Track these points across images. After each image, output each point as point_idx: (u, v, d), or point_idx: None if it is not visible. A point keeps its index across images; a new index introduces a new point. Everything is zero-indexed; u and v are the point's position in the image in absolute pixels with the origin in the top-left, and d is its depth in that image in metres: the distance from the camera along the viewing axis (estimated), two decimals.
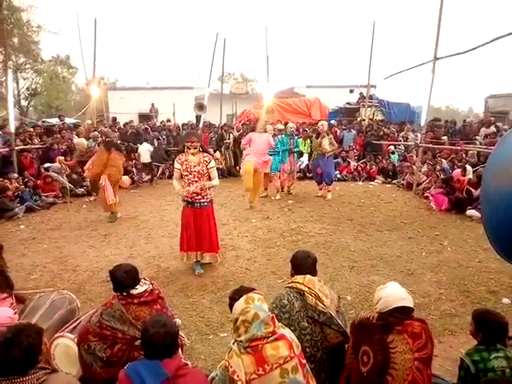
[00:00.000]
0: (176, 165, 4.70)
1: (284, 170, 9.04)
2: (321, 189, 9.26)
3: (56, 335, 2.82)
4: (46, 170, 9.65)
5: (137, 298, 2.59)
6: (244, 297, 2.10)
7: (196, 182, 4.57)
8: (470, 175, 8.48)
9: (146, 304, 2.61)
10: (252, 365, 1.95)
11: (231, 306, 2.17)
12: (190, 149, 4.57)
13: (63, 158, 9.61)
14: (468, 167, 8.82)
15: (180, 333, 2.78)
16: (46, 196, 8.69)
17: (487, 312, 2.47)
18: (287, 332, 2.11)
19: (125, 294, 2.59)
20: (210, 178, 4.68)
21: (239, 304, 2.09)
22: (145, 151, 11.43)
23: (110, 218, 7.30)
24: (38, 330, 2.08)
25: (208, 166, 4.61)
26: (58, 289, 3.71)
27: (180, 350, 2.65)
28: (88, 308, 3.59)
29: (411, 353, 2.06)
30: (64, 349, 2.76)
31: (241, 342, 2.01)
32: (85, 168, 8.48)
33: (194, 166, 4.57)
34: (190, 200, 4.65)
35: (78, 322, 2.98)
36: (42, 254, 5.67)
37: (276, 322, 2.09)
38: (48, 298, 3.29)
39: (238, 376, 1.94)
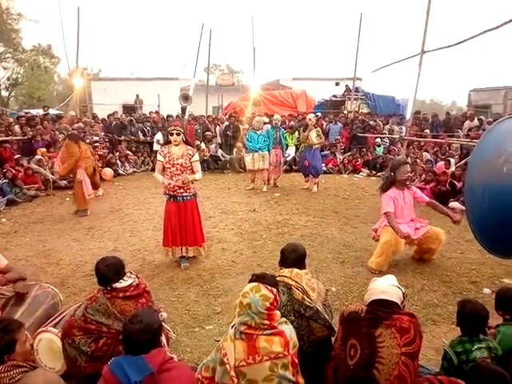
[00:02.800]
0: (159, 157, 4.60)
1: (270, 163, 9.04)
2: (307, 181, 9.30)
3: (39, 330, 2.77)
4: (16, 162, 9.31)
5: (122, 292, 2.56)
6: (253, 284, 2.12)
7: (179, 175, 4.48)
8: (453, 168, 8.61)
9: (132, 298, 2.58)
10: (243, 352, 1.99)
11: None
12: (172, 134, 4.45)
13: (45, 149, 9.44)
14: (451, 160, 8.95)
15: (166, 326, 2.78)
16: (28, 189, 8.50)
17: (464, 302, 2.52)
18: (289, 330, 2.12)
19: (108, 288, 2.56)
20: (192, 172, 4.61)
21: (246, 286, 2.13)
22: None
23: (80, 212, 7.11)
24: (17, 326, 2.04)
25: (191, 160, 4.52)
26: (40, 282, 3.65)
27: (166, 343, 2.64)
28: (72, 302, 3.55)
29: (398, 347, 2.07)
30: (47, 344, 2.72)
31: (236, 326, 2.05)
32: (55, 168, 8.21)
33: (177, 159, 4.46)
34: (172, 194, 4.57)
35: (61, 316, 2.94)
36: (25, 247, 5.57)
37: (277, 317, 2.09)
38: (31, 293, 3.23)
39: (227, 359, 1.99)
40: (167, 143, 4.62)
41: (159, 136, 11.59)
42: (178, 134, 4.46)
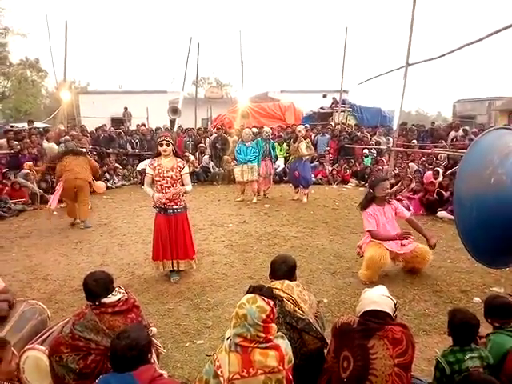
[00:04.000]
0: (148, 170, 4.55)
1: (260, 174, 9.06)
2: (297, 192, 9.33)
3: (26, 347, 2.71)
4: (5, 175, 9.19)
5: (111, 308, 2.52)
6: (250, 295, 2.11)
7: (169, 187, 4.44)
8: (441, 177, 8.72)
9: (121, 313, 2.54)
10: (238, 365, 1.96)
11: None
12: (162, 145, 4.41)
13: (31, 163, 9.33)
14: (440, 170, 9.06)
15: (156, 341, 2.73)
16: (15, 203, 8.38)
17: (455, 311, 2.53)
18: (284, 344, 2.10)
19: (97, 303, 2.52)
20: (182, 184, 4.57)
21: (243, 298, 2.11)
22: None
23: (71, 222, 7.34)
24: (2, 344, 1.99)
25: (181, 172, 4.50)
26: (27, 299, 3.57)
27: (156, 359, 2.60)
28: (60, 318, 3.47)
29: (391, 359, 2.07)
30: (34, 361, 2.66)
31: (232, 338, 2.03)
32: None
33: (167, 172, 4.43)
34: (162, 206, 4.52)
35: (49, 333, 2.87)
36: (11, 262, 5.46)
37: (273, 330, 2.07)
38: (17, 309, 3.16)
39: (221, 372, 1.97)
40: (157, 155, 4.59)
41: (142, 165, 11.18)
42: (168, 145, 4.43)
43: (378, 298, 2.25)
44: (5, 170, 9.33)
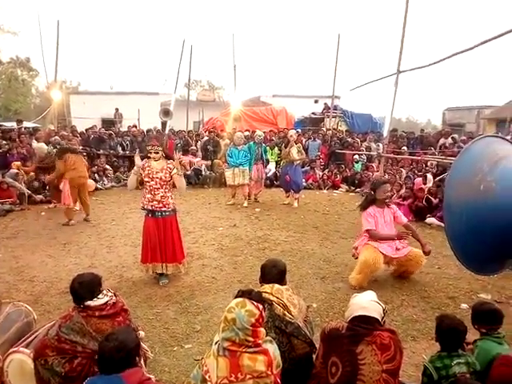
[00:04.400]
0: (139, 162, 4.54)
1: (252, 178, 9.07)
2: (288, 196, 9.34)
3: (10, 350, 2.66)
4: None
5: (98, 311, 2.49)
6: (239, 299, 2.10)
7: (158, 189, 4.43)
8: (430, 183, 8.80)
9: (108, 317, 2.51)
10: (226, 369, 1.95)
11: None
12: (151, 153, 4.44)
13: (20, 163, 9.22)
14: (428, 176, 9.15)
15: (143, 345, 2.71)
16: (2, 203, 8.26)
17: (442, 317, 2.55)
18: (273, 349, 2.09)
19: (81, 306, 2.49)
20: (174, 186, 4.57)
21: (232, 302, 2.11)
22: None
23: (65, 222, 7.36)
24: None
25: (172, 173, 4.48)
26: (13, 301, 3.52)
27: (143, 363, 2.57)
28: (46, 321, 3.42)
29: (379, 365, 2.07)
30: (19, 365, 2.61)
31: (220, 342, 2.02)
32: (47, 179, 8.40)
33: (157, 173, 4.42)
34: (150, 209, 4.49)
35: (34, 335, 2.83)
36: None
37: (261, 335, 2.07)
38: (3, 311, 3.11)
39: (209, 376, 1.96)
40: (147, 157, 4.57)
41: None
42: (157, 153, 4.44)
43: (366, 303, 2.26)
44: None
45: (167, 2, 73.89)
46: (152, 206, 4.46)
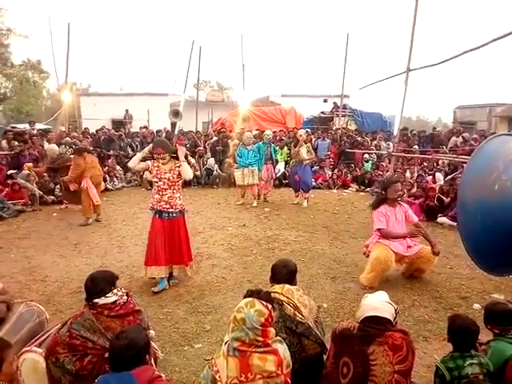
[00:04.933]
0: (149, 161, 4.48)
1: (261, 178, 9.06)
2: (297, 196, 9.32)
3: (23, 350, 2.69)
4: (11, 177, 9.25)
5: (107, 310, 2.50)
6: (248, 299, 2.10)
7: (165, 189, 4.41)
8: (440, 182, 8.71)
9: (117, 317, 2.52)
10: (236, 369, 1.95)
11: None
12: (158, 160, 4.42)
13: (31, 164, 9.34)
14: (437, 174, 9.06)
15: (153, 344, 2.71)
16: (14, 204, 8.36)
17: (454, 316, 2.52)
18: (282, 349, 2.09)
19: (90, 303, 2.51)
20: (181, 188, 4.54)
21: (241, 302, 2.10)
22: None
23: (84, 221, 7.43)
24: (6, 345, 1.99)
25: (179, 169, 4.40)
26: (26, 300, 3.55)
27: (154, 362, 2.58)
28: (58, 320, 3.45)
29: (391, 365, 2.05)
30: (31, 364, 2.63)
31: (230, 342, 2.02)
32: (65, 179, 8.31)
33: (165, 173, 4.41)
34: (158, 209, 4.46)
35: (46, 335, 2.85)
36: (9, 263, 5.44)
37: (271, 335, 2.06)
38: (15, 311, 3.14)
39: (219, 377, 1.96)
40: (153, 158, 4.51)
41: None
42: (163, 159, 4.40)
43: (378, 303, 2.24)
44: (10, 171, 9.36)
45: (176, 3, 74.29)
46: (160, 206, 4.45)
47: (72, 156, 8.04)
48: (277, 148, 10.13)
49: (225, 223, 7.48)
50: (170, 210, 4.46)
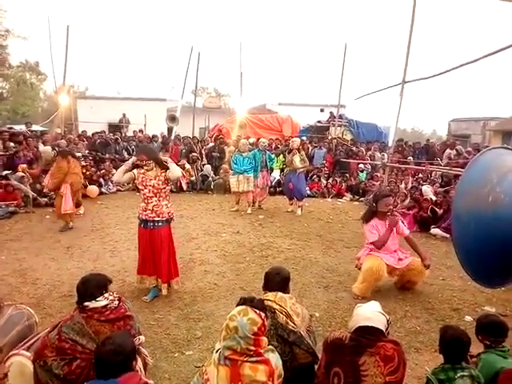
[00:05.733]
0: (135, 171, 4.31)
1: (257, 185, 9.08)
2: (291, 204, 9.33)
3: (11, 353, 2.65)
4: (5, 178, 9.14)
5: (97, 314, 2.48)
6: (242, 307, 2.08)
7: (151, 197, 4.25)
8: (427, 195, 8.77)
9: (107, 321, 2.50)
10: (226, 379, 1.94)
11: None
12: (142, 167, 4.26)
13: (26, 166, 9.28)
14: (424, 187, 9.16)
15: (143, 350, 2.69)
16: (7, 205, 8.30)
17: (446, 327, 2.52)
18: (275, 358, 2.07)
19: (81, 306, 2.49)
20: (166, 196, 4.35)
21: (234, 309, 2.09)
22: None
23: (62, 227, 7.20)
24: None
25: (165, 175, 4.25)
26: (15, 303, 3.51)
27: (143, 368, 2.55)
28: (47, 324, 3.42)
29: (382, 376, 2.05)
30: (18, 368, 2.59)
31: (221, 350, 2.00)
32: (44, 182, 8.12)
33: (150, 180, 4.25)
34: (143, 218, 4.30)
35: (35, 338, 2.82)
36: (0, 265, 5.38)
37: (263, 344, 2.05)
38: (5, 314, 3.10)
39: None
40: (139, 166, 4.34)
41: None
42: (148, 166, 4.24)
43: (371, 313, 2.24)
44: (4, 172, 9.28)
45: (176, 9, 74.67)
46: (145, 215, 4.28)
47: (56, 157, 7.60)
48: (272, 156, 10.15)
49: (219, 229, 7.46)
50: (156, 219, 4.28)
